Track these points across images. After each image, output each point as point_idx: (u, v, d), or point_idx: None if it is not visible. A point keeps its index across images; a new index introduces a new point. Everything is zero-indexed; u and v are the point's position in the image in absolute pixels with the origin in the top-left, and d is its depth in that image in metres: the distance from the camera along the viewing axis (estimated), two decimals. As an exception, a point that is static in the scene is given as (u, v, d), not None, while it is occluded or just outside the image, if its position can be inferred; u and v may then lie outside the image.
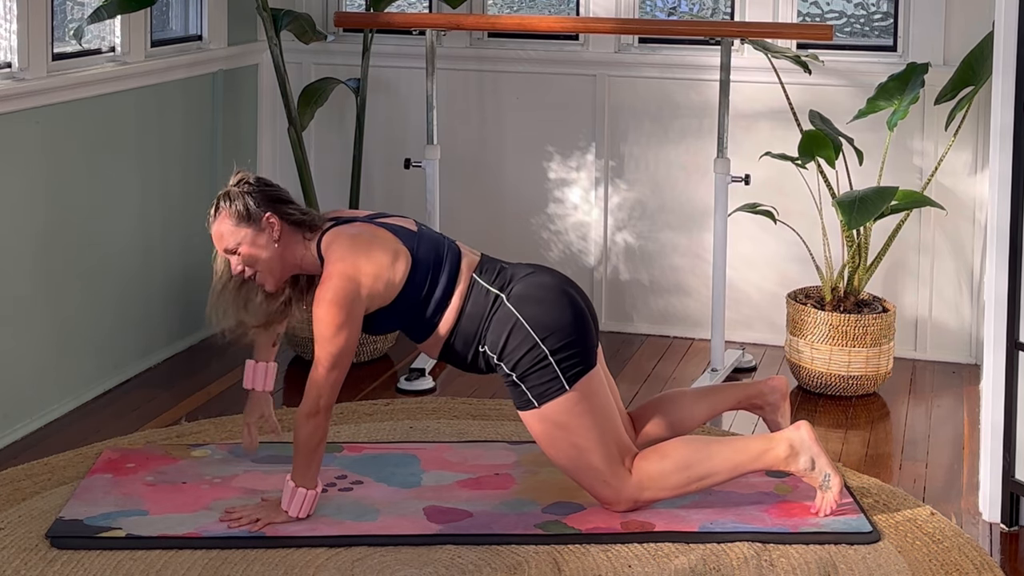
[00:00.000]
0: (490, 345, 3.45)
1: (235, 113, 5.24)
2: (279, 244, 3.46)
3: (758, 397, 3.78)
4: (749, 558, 3.30)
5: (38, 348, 4.20)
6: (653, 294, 5.25)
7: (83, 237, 4.39)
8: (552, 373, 3.41)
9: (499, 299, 3.47)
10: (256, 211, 3.44)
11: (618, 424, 3.49)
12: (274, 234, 3.45)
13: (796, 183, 4.81)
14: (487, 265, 3.56)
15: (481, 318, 3.46)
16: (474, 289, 3.49)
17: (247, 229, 3.45)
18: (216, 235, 3.49)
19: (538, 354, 3.40)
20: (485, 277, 3.51)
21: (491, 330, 3.45)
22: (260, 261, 3.47)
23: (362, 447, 3.97)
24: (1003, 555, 3.43)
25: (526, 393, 3.43)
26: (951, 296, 4.93)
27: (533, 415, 3.44)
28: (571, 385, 3.41)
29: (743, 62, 4.97)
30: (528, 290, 3.47)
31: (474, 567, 3.25)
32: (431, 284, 3.48)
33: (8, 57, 4.09)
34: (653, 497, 3.48)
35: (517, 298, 3.46)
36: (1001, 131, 3.50)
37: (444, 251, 3.54)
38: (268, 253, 3.46)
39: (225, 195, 3.48)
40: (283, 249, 3.47)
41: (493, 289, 3.49)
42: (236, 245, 3.46)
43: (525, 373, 3.41)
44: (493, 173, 5.35)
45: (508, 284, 3.49)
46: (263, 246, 3.45)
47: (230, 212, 3.45)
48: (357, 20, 5.07)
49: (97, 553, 3.30)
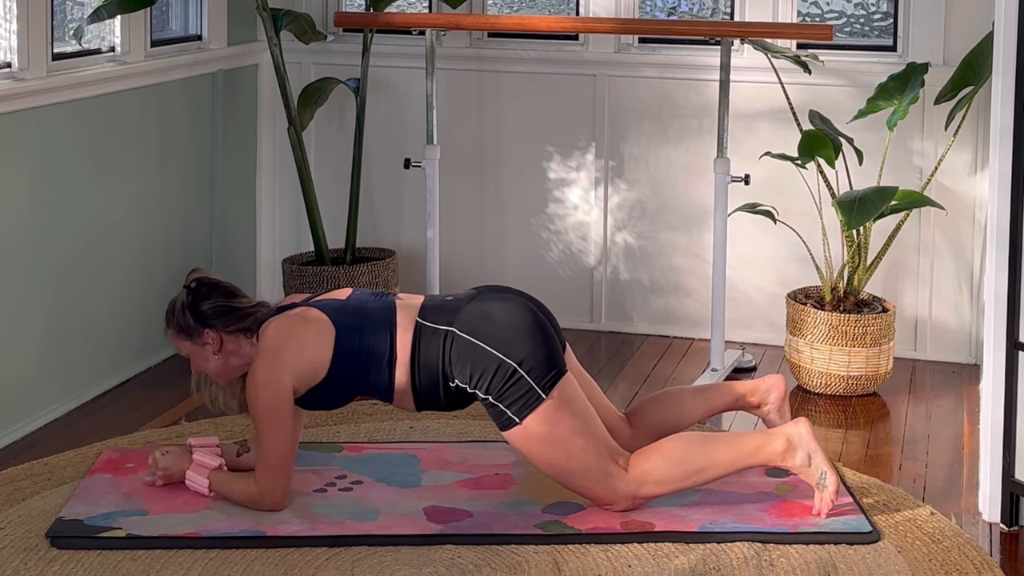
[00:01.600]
0: (459, 378, 3.45)
1: (235, 113, 5.24)
2: (220, 354, 3.58)
3: (755, 395, 3.78)
4: (749, 558, 3.30)
5: (38, 348, 4.20)
6: (653, 294, 5.25)
7: (83, 237, 4.39)
8: (526, 386, 3.40)
9: (450, 334, 3.46)
10: (194, 327, 3.57)
11: (600, 425, 3.49)
12: (214, 348, 3.57)
13: (796, 183, 4.82)
14: (430, 307, 3.55)
15: (439, 357, 3.46)
16: (423, 333, 3.49)
17: (188, 343, 3.59)
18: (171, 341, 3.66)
19: (507, 370, 3.40)
20: (431, 319, 3.50)
21: (455, 364, 3.45)
22: (207, 367, 3.61)
23: (362, 447, 3.97)
24: (1003, 555, 3.43)
25: (505, 412, 3.42)
26: (951, 296, 4.93)
27: (517, 433, 3.43)
28: (547, 393, 3.41)
29: (743, 62, 4.97)
30: (477, 314, 3.47)
31: (474, 567, 3.25)
32: (362, 350, 3.49)
33: (8, 57, 4.09)
34: (651, 493, 3.47)
35: (469, 326, 3.45)
36: (1001, 131, 3.50)
37: (373, 308, 3.55)
38: (212, 362, 3.59)
39: (169, 309, 3.61)
40: (226, 357, 3.59)
41: (440, 327, 3.48)
42: (185, 354, 3.63)
43: (500, 392, 3.41)
44: (493, 173, 5.35)
45: (455, 317, 3.48)
46: (206, 357, 3.59)
47: (172, 328, 3.61)
48: (357, 20, 5.07)
49: (97, 553, 3.30)
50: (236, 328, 3.56)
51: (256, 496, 3.49)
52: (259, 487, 3.48)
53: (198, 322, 3.55)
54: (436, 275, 4.82)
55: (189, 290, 3.59)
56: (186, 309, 3.57)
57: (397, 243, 5.41)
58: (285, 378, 3.46)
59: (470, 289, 3.65)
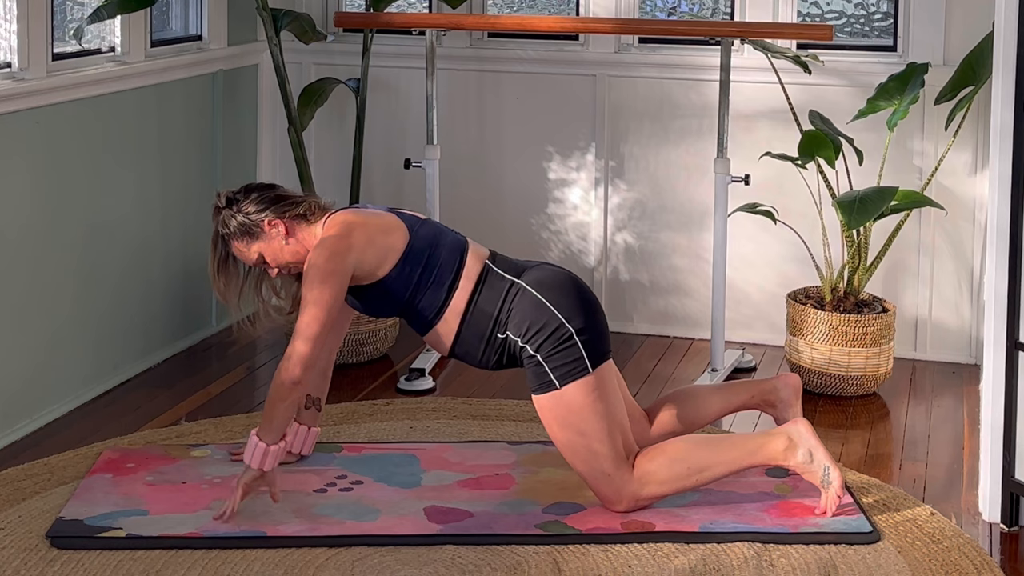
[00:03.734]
0: (513, 329, 3.47)
1: (235, 113, 5.24)
2: (290, 239, 3.57)
3: (772, 393, 3.80)
4: (749, 558, 3.30)
5: (38, 348, 4.20)
6: (653, 294, 5.25)
7: (83, 237, 4.39)
8: (577, 353, 3.43)
9: (516, 285, 3.51)
10: (254, 225, 3.56)
11: (625, 420, 3.52)
12: (281, 233, 3.56)
13: (796, 183, 4.82)
14: (499, 258, 3.61)
15: (498, 303, 3.49)
16: (489, 276, 3.53)
17: (257, 243, 3.57)
18: (242, 260, 3.63)
19: (564, 333, 3.43)
20: (499, 265, 3.56)
21: (513, 314, 3.48)
22: (285, 257, 3.59)
23: (362, 447, 3.97)
24: (1003, 555, 3.43)
25: (548, 374, 3.44)
26: (951, 296, 4.93)
27: (551, 397, 3.45)
28: (593, 368, 3.44)
29: (743, 62, 4.97)
30: (543, 278, 3.53)
31: (474, 567, 3.26)
32: (428, 263, 3.51)
33: (8, 57, 4.09)
34: (653, 493, 3.48)
35: (536, 284, 3.50)
36: (1001, 131, 3.50)
37: (447, 239, 3.58)
38: (287, 250, 3.58)
39: (223, 227, 3.59)
40: (296, 242, 3.58)
41: (509, 276, 3.53)
42: (259, 258, 3.59)
43: (551, 353, 3.43)
44: (493, 173, 5.35)
45: (523, 273, 3.54)
46: (279, 248, 3.57)
47: (235, 239, 3.58)
48: (357, 20, 5.07)
49: (97, 553, 3.30)
50: (295, 213, 3.56)
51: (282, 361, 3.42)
52: (289, 350, 3.41)
53: (254, 217, 3.54)
54: (436, 275, 4.82)
55: (229, 201, 3.58)
56: (237, 213, 3.56)
57: (397, 243, 5.40)
58: (350, 253, 3.46)
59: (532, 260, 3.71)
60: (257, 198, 3.58)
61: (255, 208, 3.57)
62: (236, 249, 3.60)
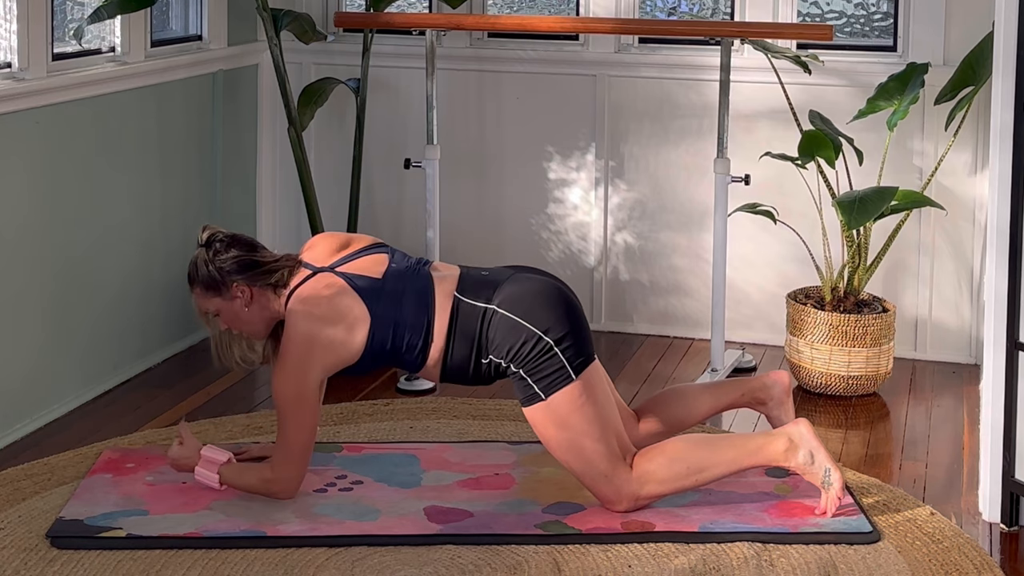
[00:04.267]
0: (495, 353, 3.46)
1: (235, 113, 5.24)
2: (251, 307, 3.54)
3: (761, 391, 3.79)
4: (749, 558, 3.30)
5: (38, 348, 4.20)
6: (653, 294, 5.25)
7: (83, 237, 4.39)
8: (558, 363, 3.42)
9: (489, 310, 3.48)
10: (222, 281, 3.53)
11: (619, 420, 3.51)
12: (245, 300, 3.53)
13: (796, 183, 4.81)
14: (467, 281, 3.55)
15: (475, 334, 3.47)
16: (460, 310, 3.49)
17: (218, 300, 3.54)
18: (195, 303, 3.59)
19: (543, 346, 3.42)
20: (468, 295, 3.51)
21: (492, 339, 3.46)
22: (239, 324, 3.56)
23: (362, 447, 3.97)
24: (1003, 555, 3.43)
25: (533, 387, 3.44)
26: (951, 296, 4.93)
27: (539, 408, 3.45)
28: (577, 375, 3.43)
29: (743, 62, 4.97)
30: (516, 293, 3.49)
31: (474, 567, 3.25)
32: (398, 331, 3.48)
33: (8, 57, 4.09)
34: (653, 492, 3.48)
35: (508, 303, 3.47)
36: (1001, 131, 3.50)
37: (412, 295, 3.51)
38: (245, 316, 3.55)
39: (192, 267, 3.56)
40: (257, 310, 3.55)
41: (480, 304, 3.49)
42: (215, 311, 3.56)
43: (533, 366, 3.43)
44: (493, 173, 5.35)
45: (494, 294, 3.50)
46: (238, 312, 3.55)
47: (199, 285, 3.55)
48: (357, 20, 5.07)
49: (97, 553, 3.29)
50: (264, 283, 3.53)
51: (271, 481, 3.49)
52: (275, 474, 3.48)
53: (225, 276, 3.52)
54: (436, 275, 4.82)
55: (208, 245, 3.55)
56: (210, 264, 3.52)
57: (397, 243, 5.39)
58: (314, 373, 3.45)
59: (504, 266, 3.67)
60: (236, 257, 3.53)
61: (230, 268, 3.52)
62: (196, 294, 3.57)
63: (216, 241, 3.55)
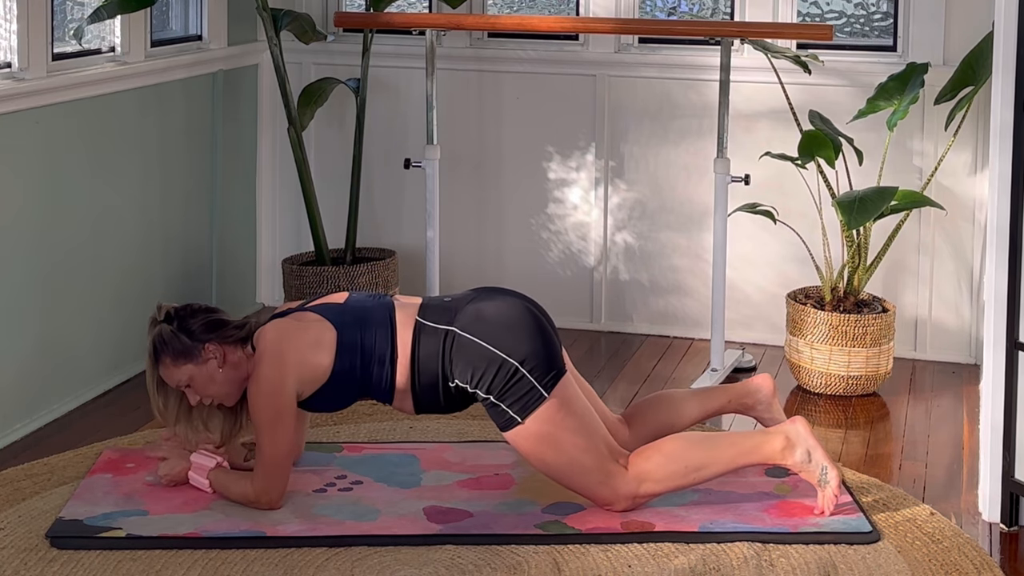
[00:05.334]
0: (460, 378, 3.45)
1: (235, 113, 5.24)
2: (224, 367, 3.51)
3: (748, 396, 3.79)
4: (749, 558, 3.30)
5: (38, 348, 4.20)
6: (653, 294, 5.25)
7: (83, 237, 4.39)
8: (528, 385, 3.40)
9: (451, 333, 3.46)
10: (193, 346, 3.48)
11: (601, 425, 3.50)
12: (219, 361, 3.50)
13: (796, 183, 4.82)
14: (430, 307, 3.54)
15: (439, 356, 3.46)
16: (422, 333, 3.48)
17: (189, 365, 3.48)
18: (164, 378, 3.52)
19: (509, 369, 3.40)
20: (430, 318, 3.50)
21: (455, 363, 3.45)
22: (213, 387, 3.51)
23: (362, 447, 3.97)
24: (1003, 555, 3.43)
25: (507, 412, 3.42)
26: (951, 296, 4.93)
27: (518, 433, 3.44)
28: (549, 391, 3.41)
29: (743, 62, 4.97)
30: (477, 314, 3.48)
31: (474, 567, 3.25)
32: (364, 348, 3.48)
33: (8, 57, 4.09)
34: (651, 491, 3.48)
35: (469, 325, 3.45)
36: (1001, 131, 3.50)
37: (372, 310, 3.53)
38: (218, 378, 3.50)
39: (159, 340, 3.49)
40: (230, 370, 3.52)
41: (441, 326, 3.48)
42: (187, 381, 3.50)
43: (502, 392, 3.41)
44: (493, 173, 5.35)
45: (455, 316, 3.49)
46: (211, 375, 3.50)
47: (168, 355, 3.48)
48: (357, 20, 5.07)
49: (97, 553, 3.30)
50: (235, 338, 3.51)
51: (252, 497, 3.49)
52: (255, 488, 3.49)
53: (196, 339, 3.48)
54: (436, 275, 4.82)
55: (168, 319, 3.50)
56: (177, 333, 3.47)
57: (397, 243, 5.41)
58: (288, 381, 3.45)
59: (467, 291, 3.65)
60: (203, 320, 3.51)
61: (199, 330, 3.49)
62: (164, 366, 3.48)
63: (176, 313, 3.52)
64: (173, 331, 3.48)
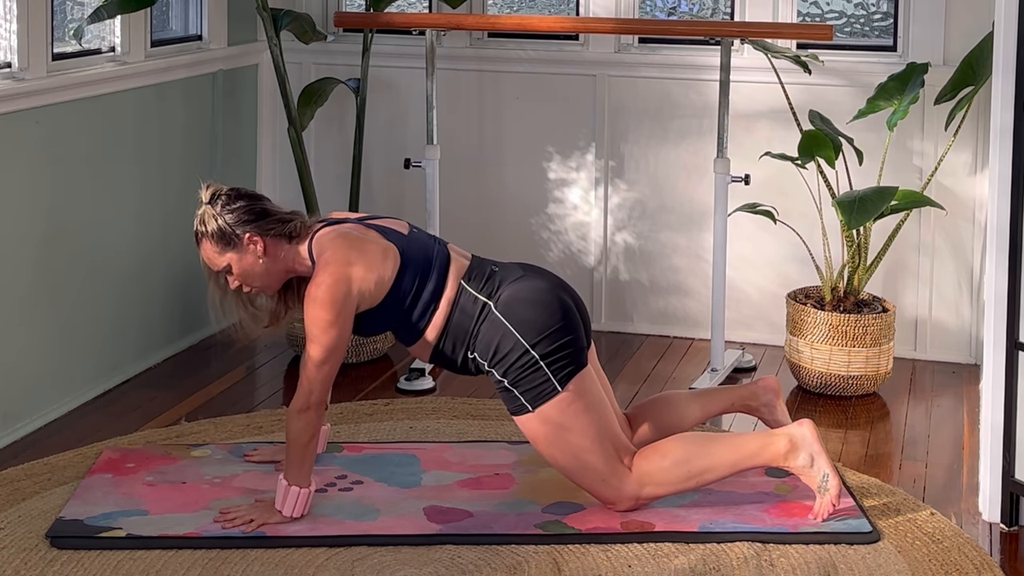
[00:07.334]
0: (480, 352, 3.46)
1: (235, 113, 5.24)
2: (265, 259, 3.49)
3: (752, 399, 3.78)
4: (749, 558, 3.30)
5: (38, 348, 4.20)
6: (653, 294, 5.25)
7: (83, 237, 4.39)
8: (543, 376, 3.41)
9: (487, 307, 3.47)
10: (234, 234, 3.47)
11: (614, 422, 3.50)
12: (258, 251, 3.48)
13: (796, 183, 4.82)
14: (476, 271, 3.54)
15: (470, 325, 3.47)
16: (462, 296, 3.49)
17: (231, 253, 3.48)
18: (205, 260, 3.53)
19: (528, 359, 3.41)
20: (473, 284, 3.50)
21: (480, 338, 3.45)
22: (253, 277, 3.51)
23: (362, 447, 3.97)
24: (1003, 555, 3.43)
25: (519, 398, 3.43)
26: (951, 296, 4.93)
27: (528, 419, 3.44)
28: (563, 386, 3.41)
29: (743, 62, 4.97)
30: (516, 295, 3.47)
31: (474, 567, 3.26)
32: (419, 286, 3.48)
33: (8, 57, 4.09)
34: (653, 493, 3.48)
35: (505, 305, 3.45)
36: (1001, 131, 3.50)
37: (433, 255, 3.53)
38: (258, 269, 3.49)
39: (201, 223, 3.49)
40: (271, 262, 3.50)
41: (481, 297, 3.48)
42: (226, 268, 3.50)
43: (517, 378, 3.42)
44: (493, 173, 5.35)
45: (496, 290, 3.48)
46: (251, 264, 3.49)
47: (210, 240, 3.49)
48: (357, 20, 5.07)
49: (97, 553, 3.30)
50: (277, 233, 3.48)
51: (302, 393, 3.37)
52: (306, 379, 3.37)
53: (237, 227, 3.45)
54: (436, 275, 4.82)
55: (213, 199, 3.48)
56: (218, 217, 3.46)
57: (397, 243, 5.41)
58: (353, 284, 3.39)
59: (514, 264, 3.61)
60: (244, 207, 3.49)
61: (239, 218, 3.47)
62: (205, 250, 3.49)
63: (221, 196, 3.50)
64: (215, 215, 3.47)
